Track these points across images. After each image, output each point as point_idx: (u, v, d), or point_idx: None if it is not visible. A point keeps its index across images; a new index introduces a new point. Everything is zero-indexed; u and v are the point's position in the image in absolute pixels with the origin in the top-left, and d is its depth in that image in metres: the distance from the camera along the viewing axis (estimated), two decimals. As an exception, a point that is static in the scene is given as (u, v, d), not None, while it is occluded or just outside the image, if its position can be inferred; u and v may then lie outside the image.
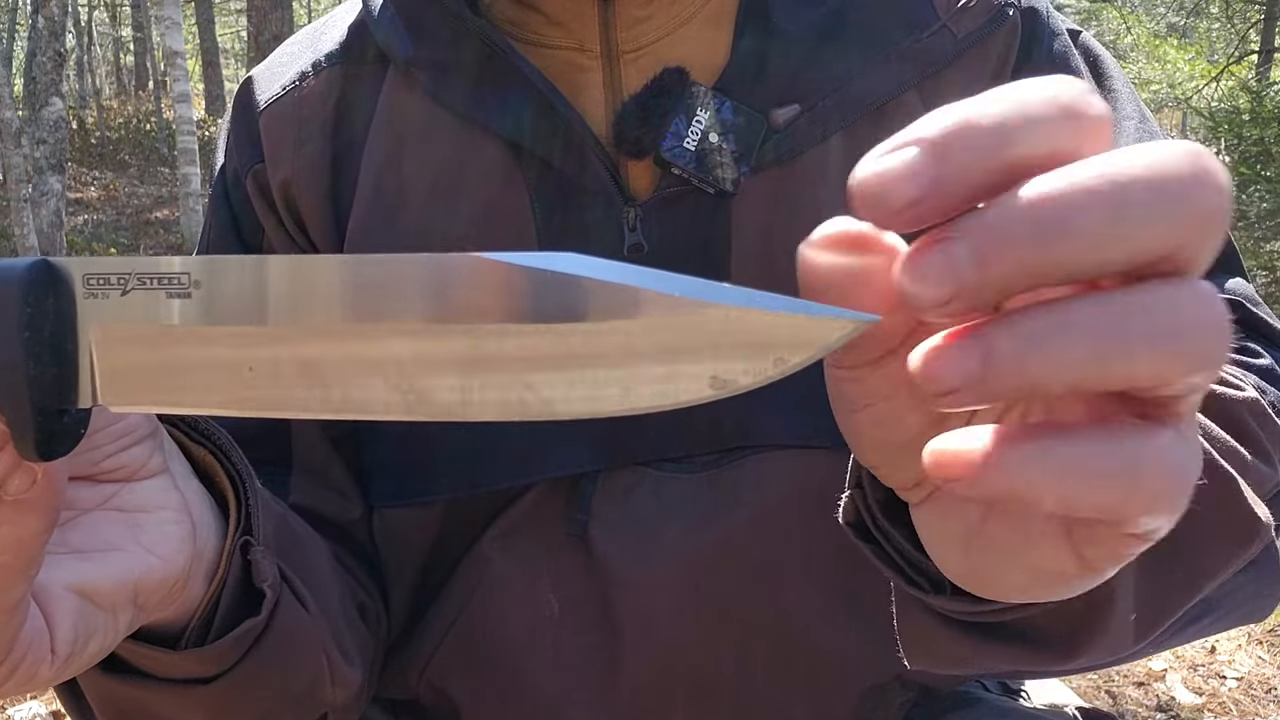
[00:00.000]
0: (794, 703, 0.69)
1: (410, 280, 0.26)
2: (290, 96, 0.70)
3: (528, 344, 0.25)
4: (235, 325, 0.28)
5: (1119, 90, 0.68)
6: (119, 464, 0.45)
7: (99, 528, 0.45)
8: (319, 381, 0.28)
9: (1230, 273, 0.64)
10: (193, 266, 0.29)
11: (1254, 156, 7.39)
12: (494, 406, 0.26)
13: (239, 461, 0.52)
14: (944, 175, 0.26)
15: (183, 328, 0.29)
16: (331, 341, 0.27)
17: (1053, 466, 0.26)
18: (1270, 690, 2.46)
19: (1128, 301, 0.25)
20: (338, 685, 0.59)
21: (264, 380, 0.28)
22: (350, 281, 0.27)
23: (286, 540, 0.57)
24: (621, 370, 0.25)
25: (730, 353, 0.24)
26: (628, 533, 0.65)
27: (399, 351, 0.26)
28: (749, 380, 0.25)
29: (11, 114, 6.91)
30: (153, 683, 0.52)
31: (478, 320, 0.26)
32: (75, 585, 0.43)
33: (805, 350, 0.25)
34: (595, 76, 0.66)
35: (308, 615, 0.56)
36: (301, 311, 0.27)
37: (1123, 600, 0.41)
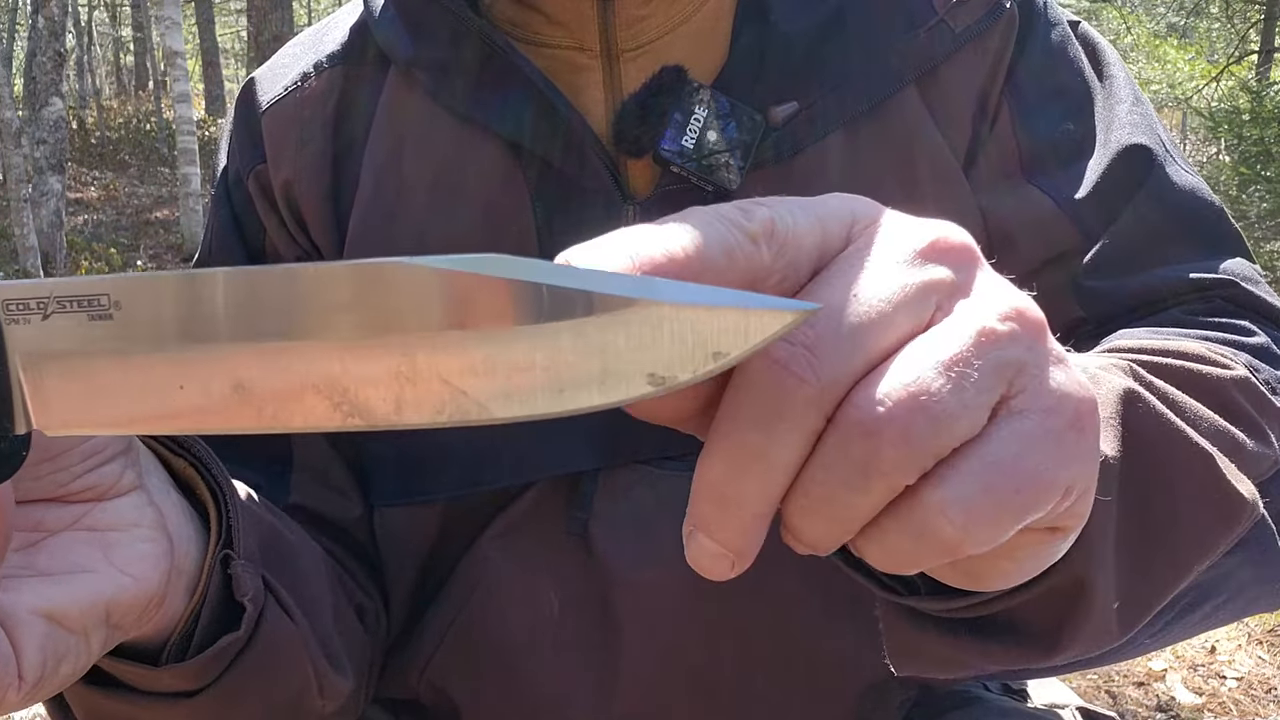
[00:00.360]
0: (793, 701, 0.69)
1: (338, 291, 0.25)
2: (292, 97, 0.70)
3: (459, 350, 0.25)
4: (160, 345, 0.28)
5: (1116, 76, 0.68)
6: (88, 484, 0.44)
7: (68, 549, 0.44)
8: (251, 398, 0.27)
9: (1228, 254, 0.64)
10: (110, 287, 0.28)
11: (1254, 156, 7.40)
12: (429, 413, 0.26)
13: (219, 474, 0.51)
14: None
15: (106, 351, 0.28)
16: (261, 358, 0.27)
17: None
18: (1270, 690, 2.46)
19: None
20: (326, 695, 0.59)
21: (196, 398, 0.28)
22: (276, 295, 0.26)
23: (274, 550, 0.56)
24: (557, 371, 0.25)
25: (667, 349, 0.24)
26: (628, 531, 0.65)
27: (330, 365, 0.26)
28: (688, 376, 0.24)
29: (11, 114, 6.91)
30: (137, 696, 0.51)
31: (407, 329, 0.25)
32: (43, 609, 0.42)
33: (744, 343, 0.24)
34: (595, 76, 0.66)
35: (294, 626, 0.55)
36: (227, 328, 0.27)
37: (1102, 588, 0.41)
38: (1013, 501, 0.29)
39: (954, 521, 0.28)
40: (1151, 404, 0.44)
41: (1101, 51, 0.69)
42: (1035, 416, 0.29)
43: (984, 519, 0.28)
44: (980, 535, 0.29)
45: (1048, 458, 0.29)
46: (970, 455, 0.28)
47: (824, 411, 0.28)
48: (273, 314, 0.26)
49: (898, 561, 0.30)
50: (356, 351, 0.26)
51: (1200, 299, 0.61)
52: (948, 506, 0.28)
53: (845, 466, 0.28)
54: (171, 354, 0.28)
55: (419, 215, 0.66)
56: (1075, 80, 0.67)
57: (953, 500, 0.28)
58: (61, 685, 0.43)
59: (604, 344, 0.24)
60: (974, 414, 0.28)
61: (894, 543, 0.30)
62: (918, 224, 0.31)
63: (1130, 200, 0.63)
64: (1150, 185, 0.63)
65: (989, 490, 0.28)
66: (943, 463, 0.28)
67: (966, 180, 0.65)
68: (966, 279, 0.30)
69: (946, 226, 0.31)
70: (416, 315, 0.25)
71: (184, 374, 0.28)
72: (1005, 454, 0.28)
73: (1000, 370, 0.29)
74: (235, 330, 0.27)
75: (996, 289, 0.30)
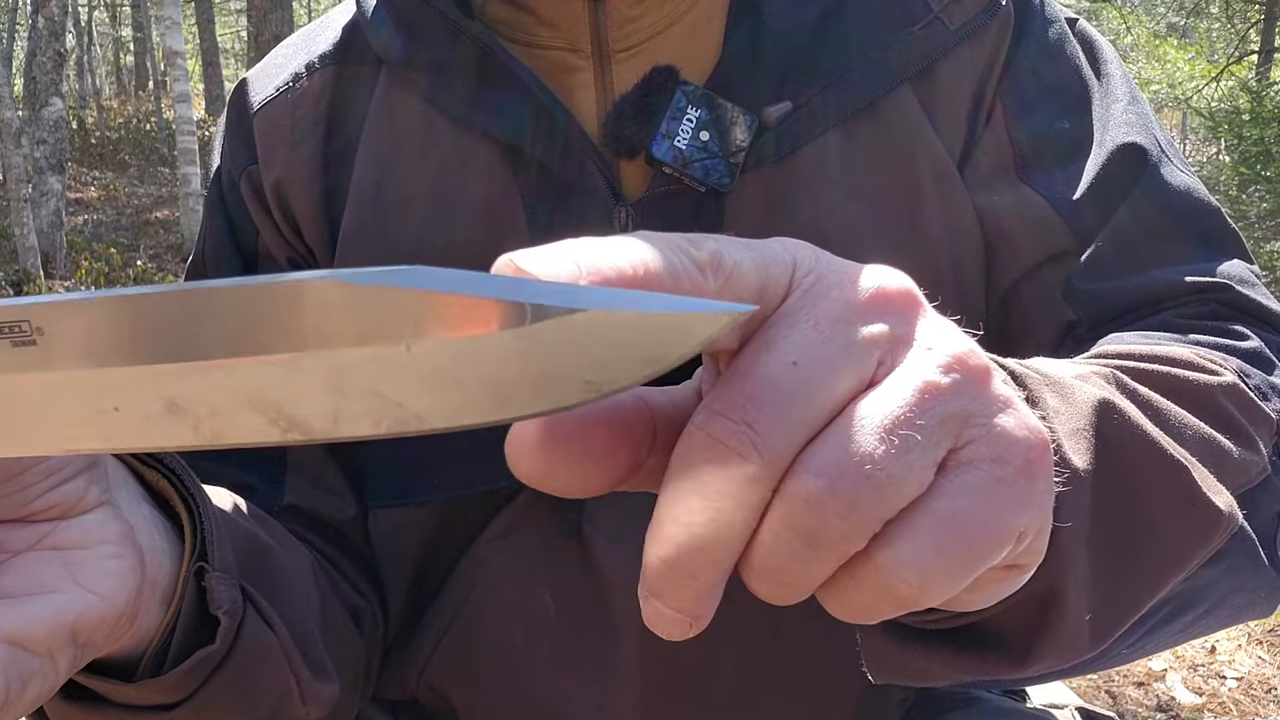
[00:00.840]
0: (792, 701, 0.69)
1: (262, 308, 0.25)
2: (284, 98, 0.70)
3: (392, 363, 0.25)
4: (87, 369, 0.27)
5: (1113, 75, 0.68)
6: (50, 503, 0.43)
7: (30, 570, 0.43)
8: (186, 416, 0.27)
9: (1224, 255, 0.63)
10: (32, 314, 0.28)
11: (1254, 156, 7.40)
12: (368, 426, 0.25)
13: (192, 485, 0.50)
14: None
15: (34, 376, 0.28)
16: (190, 377, 0.26)
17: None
18: (1270, 690, 2.46)
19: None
20: (309, 703, 0.58)
21: (133, 419, 0.27)
22: (198, 314, 0.26)
23: (254, 558, 0.56)
24: (494, 381, 0.24)
25: (603, 355, 0.24)
26: (623, 532, 0.65)
27: (261, 382, 0.26)
28: (626, 380, 0.24)
29: (11, 114, 6.91)
30: (114, 710, 0.50)
31: (335, 345, 0.25)
32: (5, 633, 0.41)
33: (679, 347, 0.24)
34: (587, 76, 0.66)
35: (274, 636, 0.55)
36: (154, 349, 0.26)
37: (1075, 600, 0.40)
38: (966, 555, 0.29)
39: (908, 580, 0.28)
40: (1127, 414, 0.44)
41: (1099, 49, 0.69)
42: (984, 467, 0.29)
43: (938, 574, 0.28)
44: (936, 589, 0.29)
45: (998, 507, 0.29)
46: (920, 512, 0.28)
47: (768, 485, 0.28)
48: (198, 333, 0.26)
49: (856, 615, 0.30)
50: (285, 368, 0.25)
51: (1195, 302, 0.60)
52: (900, 567, 0.28)
53: (792, 538, 0.28)
54: (99, 377, 0.27)
55: (413, 216, 0.66)
56: (1072, 78, 0.67)
57: (905, 561, 0.28)
58: (30, 707, 0.42)
59: (539, 353, 0.24)
60: (919, 474, 0.28)
61: (851, 599, 0.30)
62: (856, 274, 0.30)
63: (1125, 200, 0.63)
64: (1145, 185, 0.63)
65: (941, 547, 0.28)
66: (893, 522, 0.28)
67: (962, 178, 0.65)
68: (908, 330, 0.30)
69: (886, 274, 0.30)
70: (344, 329, 0.25)
71: (115, 396, 0.27)
72: (955, 508, 0.28)
73: (945, 424, 0.28)
74: (162, 351, 0.26)
75: (938, 337, 0.30)
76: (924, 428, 0.28)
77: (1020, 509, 0.29)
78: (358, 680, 0.69)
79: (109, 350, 0.27)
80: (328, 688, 0.59)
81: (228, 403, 0.26)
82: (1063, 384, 0.42)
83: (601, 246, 0.27)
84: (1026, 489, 0.30)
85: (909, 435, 0.28)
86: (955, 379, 0.29)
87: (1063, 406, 0.41)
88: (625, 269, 0.27)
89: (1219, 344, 0.56)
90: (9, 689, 0.40)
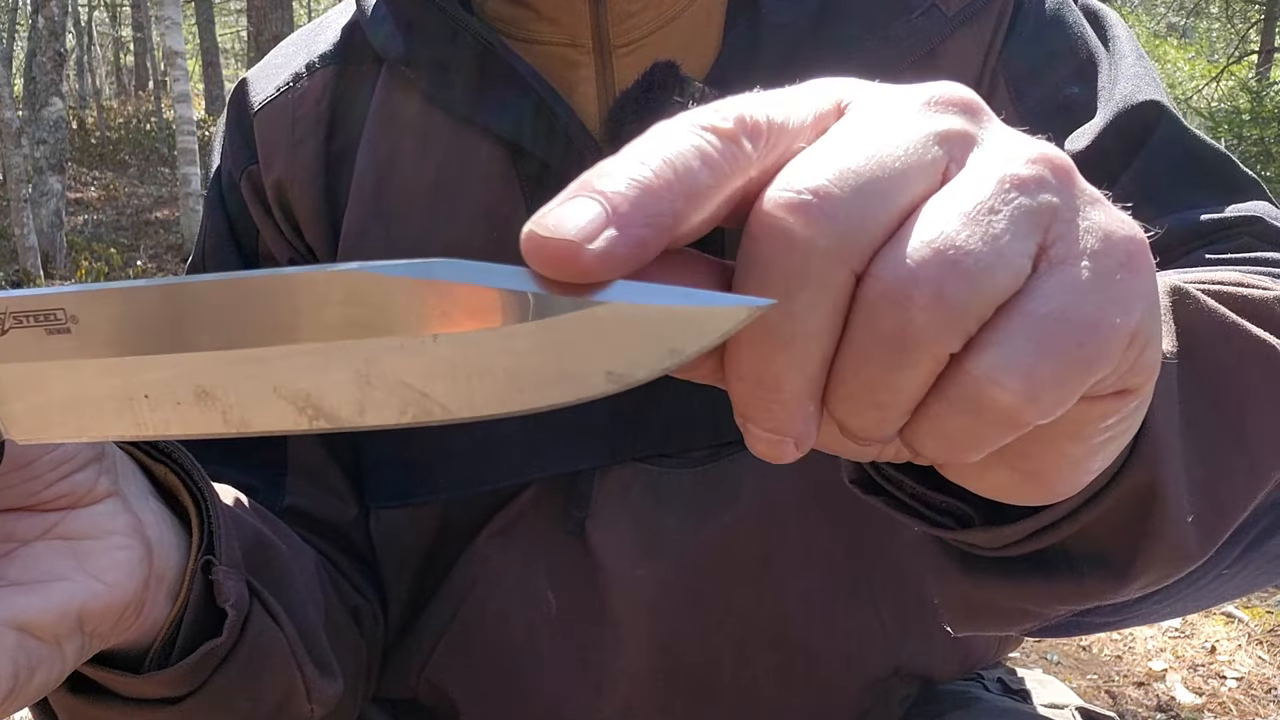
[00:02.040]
0: (793, 698, 0.69)
1: (295, 298, 0.26)
2: (285, 98, 0.70)
3: (416, 356, 0.25)
4: (120, 356, 0.28)
5: (1119, 37, 0.67)
6: (60, 492, 0.44)
7: (39, 559, 0.44)
8: (217, 403, 0.27)
9: (1247, 196, 0.61)
10: (67, 302, 0.28)
11: (1254, 156, 7.41)
12: (393, 415, 0.26)
13: (200, 480, 0.51)
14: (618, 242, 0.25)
15: (68, 364, 0.29)
16: (222, 364, 0.27)
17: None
18: (1270, 690, 2.46)
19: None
20: (314, 699, 0.58)
21: (162, 406, 0.28)
22: (232, 304, 0.26)
23: (260, 554, 0.56)
24: (517, 372, 0.25)
25: (624, 347, 0.24)
26: (625, 529, 0.65)
27: (292, 372, 0.26)
28: (645, 373, 0.25)
29: (11, 114, 6.91)
30: (121, 703, 0.51)
31: (366, 334, 0.25)
32: (13, 620, 0.41)
33: (699, 340, 0.24)
34: (587, 72, 0.66)
35: (279, 631, 0.55)
36: (187, 337, 0.27)
37: (1174, 495, 0.37)
38: (1075, 354, 0.26)
39: (1010, 387, 0.25)
40: (1202, 301, 0.41)
41: (1104, 16, 0.68)
42: (1081, 262, 0.26)
43: (1044, 379, 0.25)
44: (1044, 399, 0.26)
45: (1104, 303, 0.26)
46: (1016, 312, 0.25)
47: (844, 268, 0.25)
48: (230, 322, 0.26)
49: (957, 446, 0.27)
50: (317, 357, 0.26)
51: (1226, 238, 0.58)
52: (1001, 372, 0.25)
53: (879, 344, 0.25)
54: (132, 364, 0.28)
55: (415, 215, 0.66)
56: (1076, 45, 0.66)
57: (1006, 364, 0.25)
58: (37, 695, 0.43)
59: (563, 345, 0.25)
60: (1012, 264, 0.25)
61: (950, 425, 0.27)
62: (916, 85, 0.28)
63: (1141, 149, 0.61)
64: (1162, 134, 0.62)
65: (1044, 347, 0.25)
66: (987, 326, 0.26)
67: None
68: (978, 129, 0.28)
69: (950, 84, 0.28)
70: (375, 320, 0.25)
71: (146, 383, 0.28)
72: (1056, 306, 0.25)
73: (1033, 217, 0.26)
74: (195, 339, 0.27)
75: (1013, 137, 0.28)
76: (1011, 216, 0.25)
77: (1128, 304, 0.27)
78: (359, 680, 0.69)
79: (141, 338, 0.27)
80: (332, 685, 0.60)
81: (257, 390, 0.27)
82: None
83: (617, 169, 0.26)
84: (1131, 282, 0.27)
85: (993, 221, 0.25)
86: (1039, 171, 0.27)
87: None
88: (650, 182, 0.25)
89: (1262, 272, 0.53)
90: (17, 675, 0.41)
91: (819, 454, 0.62)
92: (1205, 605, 0.49)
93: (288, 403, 0.27)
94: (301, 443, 0.69)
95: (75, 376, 0.29)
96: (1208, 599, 0.47)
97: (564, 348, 0.24)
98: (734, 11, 0.66)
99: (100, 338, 0.28)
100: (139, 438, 0.29)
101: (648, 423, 0.64)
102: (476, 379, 0.25)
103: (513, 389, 0.25)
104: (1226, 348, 0.40)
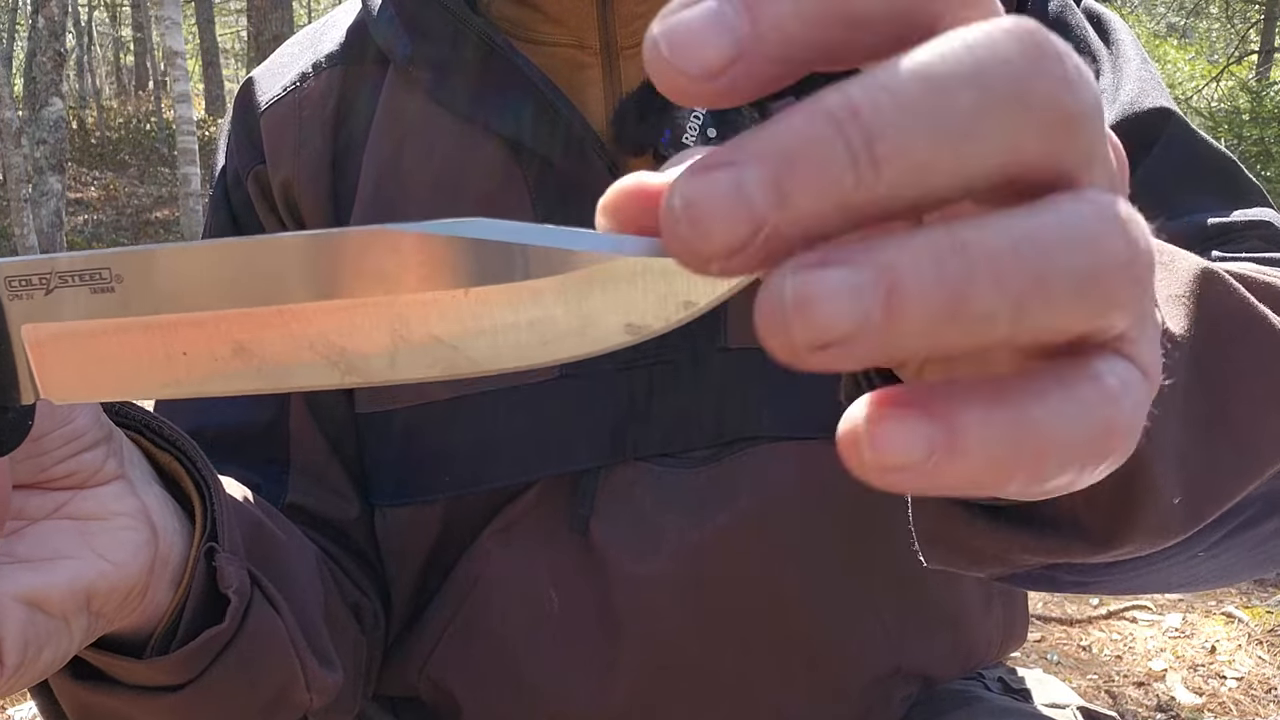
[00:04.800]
0: (794, 697, 0.69)
1: (331, 257, 0.27)
2: (291, 97, 0.70)
3: (446, 309, 0.26)
4: (162, 314, 0.29)
5: (1123, 40, 0.67)
6: (69, 470, 0.44)
7: (48, 536, 0.44)
8: (253, 360, 0.28)
9: (1252, 203, 0.60)
10: (113, 261, 0.29)
11: (1254, 156, 7.41)
12: (423, 369, 0.27)
13: (204, 467, 0.51)
14: (755, 35, 0.22)
15: (111, 321, 0.29)
16: (259, 322, 0.28)
17: (1025, 441, 0.20)
18: (1270, 690, 2.46)
19: (1032, 230, 0.20)
20: (313, 690, 0.59)
21: (200, 363, 0.29)
22: (269, 263, 0.27)
23: (261, 545, 0.57)
24: (541, 325, 0.26)
25: (642, 301, 0.25)
26: (628, 527, 0.65)
27: (325, 327, 0.27)
28: (660, 324, 0.26)
29: (11, 114, 6.91)
30: (123, 690, 0.51)
31: (399, 290, 0.26)
32: (23, 594, 0.42)
33: (713, 292, 0.25)
34: (594, 73, 0.66)
35: (280, 620, 0.55)
36: (228, 295, 0.28)
37: (1163, 477, 0.36)
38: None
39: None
40: (1231, 285, 0.40)
41: (1106, 19, 0.68)
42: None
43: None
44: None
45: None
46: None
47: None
48: (270, 280, 0.27)
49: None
50: (352, 313, 0.27)
51: (1234, 241, 0.58)
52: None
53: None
54: (173, 321, 0.29)
55: (420, 214, 0.66)
56: (1078, 46, 0.66)
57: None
58: (44, 673, 0.43)
59: (585, 298, 0.25)
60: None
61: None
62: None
63: (1148, 153, 0.61)
64: (1168, 138, 0.62)
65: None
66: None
67: None
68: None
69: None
70: (407, 277, 0.26)
71: (186, 340, 0.29)
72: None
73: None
74: (234, 297, 0.28)
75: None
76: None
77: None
78: (359, 676, 0.69)
79: (182, 295, 0.28)
80: (331, 675, 0.60)
81: (293, 346, 0.28)
82: (1163, 250, 0.40)
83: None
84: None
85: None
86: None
87: (1163, 273, 0.39)
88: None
89: (1273, 268, 0.54)
90: (25, 650, 0.41)
91: (820, 454, 0.63)
92: (1177, 586, 0.49)
93: (321, 357, 0.28)
94: (304, 441, 0.69)
95: (117, 334, 0.30)
96: (1178, 578, 0.46)
97: (586, 301, 0.25)
98: None
99: (143, 296, 0.29)
100: (174, 395, 0.30)
101: (650, 422, 0.64)
102: (502, 332, 0.26)
103: (536, 341, 0.26)
104: (1245, 335, 0.40)
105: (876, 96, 0.20)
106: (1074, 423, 0.21)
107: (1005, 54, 0.20)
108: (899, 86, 0.20)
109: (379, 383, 0.27)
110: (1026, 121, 0.20)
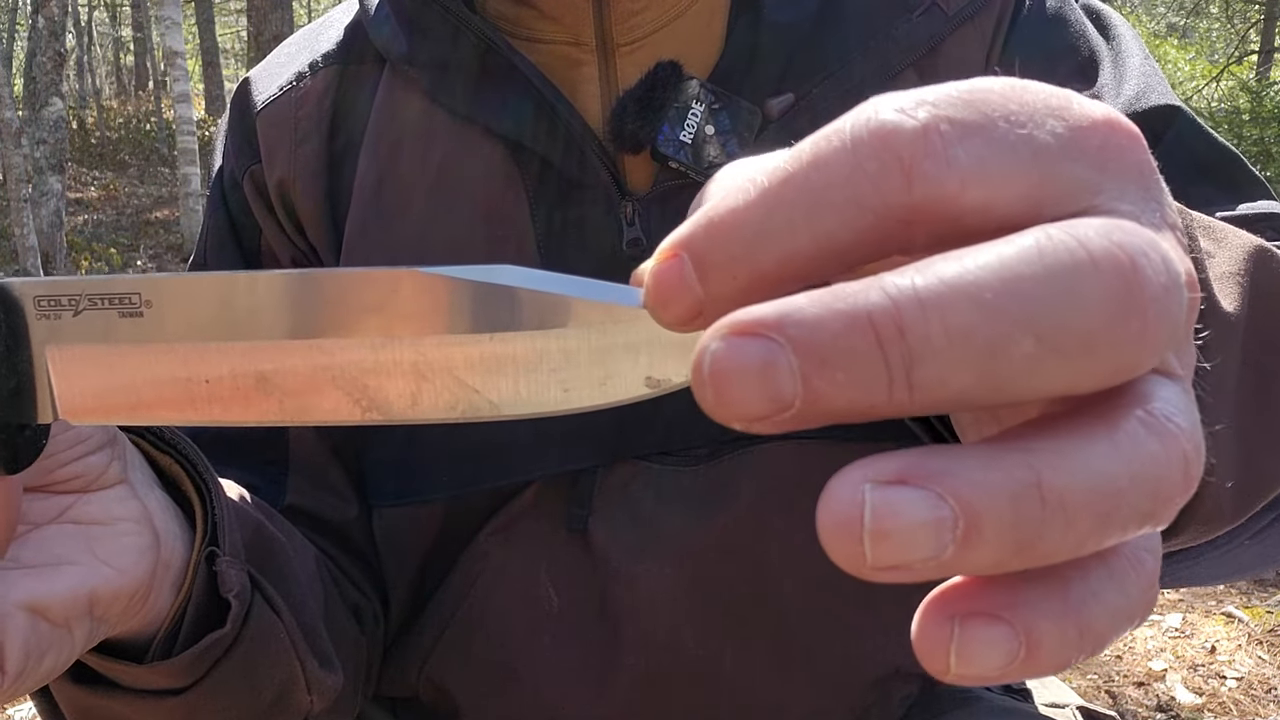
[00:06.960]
0: (793, 697, 0.69)
1: (361, 295, 0.27)
2: (287, 97, 0.70)
3: (471, 352, 0.27)
4: (188, 342, 0.29)
5: (1123, 35, 0.67)
6: (73, 474, 0.44)
7: (51, 542, 0.44)
8: (275, 392, 0.29)
9: (1258, 198, 0.60)
10: (143, 286, 0.29)
11: (1254, 156, 7.42)
12: (444, 409, 0.27)
13: (205, 471, 0.51)
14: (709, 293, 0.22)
15: (136, 346, 0.30)
16: (285, 355, 0.28)
17: (1088, 634, 0.21)
18: (1270, 690, 2.46)
19: (1106, 470, 0.19)
20: (314, 691, 0.59)
21: (221, 393, 0.29)
22: (299, 297, 0.28)
23: (261, 547, 0.56)
24: (562, 374, 0.26)
25: (663, 354, 0.26)
26: (626, 526, 0.65)
27: (351, 364, 0.28)
28: (681, 379, 0.26)
29: (11, 114, 6.91)
30: (124, 694, 0.51)
31: (426, 333, 0.27)
32: (25, 602, 0.42)
33: None
34: (590, 71, 0.66)
35: (280, 622, 0.55)
36: (253, 327, 0.28)
37: (1217, 464, 0.35)
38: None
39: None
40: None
41: (1106, 15, 0.68)
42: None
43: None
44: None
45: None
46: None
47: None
48: (300, 313, 0.28)
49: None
50: (378, 351, 0.27)
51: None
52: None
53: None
54: (199, 349, 0.29)
55: (417, 214, 0.66)
56: (1077, 43, 0.66)
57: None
58: (45, 678, 0.43)
59: (608, 350, 0.26)
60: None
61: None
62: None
63: (1156, 148, 0.61)
64: (1175, 134, 0.62)
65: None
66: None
67: None
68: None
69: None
70: (435, 320, 0.27)
71: (210, 368, 0.29)
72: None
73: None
74: (263, 328, 0.28)
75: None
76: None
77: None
78: (359, 677, 0.69)
79: (209, 325, 0.29)
80: (331, 677, 0.60)
81: (317, 381, 0.28)
82: (1215, 228, 0.39)
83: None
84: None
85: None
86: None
87: (1215, 249, 0.38)
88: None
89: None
90: (27, 657, 0.41)
91: (819, 454, 0.63)
92: (1224, 577, 0.49)
93: (344, 393, 0.28)
94: (303, 442, 0.69)
95: (142, 359, 0.30)
96: (1226, 568, 0.46)
97: (609, 353, 0.26)
98: (736, 11, 0.66)
99: (170, 323, 0.29)
100: (192, 422, 0.30)
101: (649, 421, 0.64)
102: (525, 378, 0.27)
103: (558, 390, 0.26)
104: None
105: (928, 319, 0.18)
106: (1127, 606, 0.21)
107: (1085, 300, 0.19)
108: (954, 313, 0.18)
109: (398, 421, 0.28)
110: (1091, 368, 0.19)
